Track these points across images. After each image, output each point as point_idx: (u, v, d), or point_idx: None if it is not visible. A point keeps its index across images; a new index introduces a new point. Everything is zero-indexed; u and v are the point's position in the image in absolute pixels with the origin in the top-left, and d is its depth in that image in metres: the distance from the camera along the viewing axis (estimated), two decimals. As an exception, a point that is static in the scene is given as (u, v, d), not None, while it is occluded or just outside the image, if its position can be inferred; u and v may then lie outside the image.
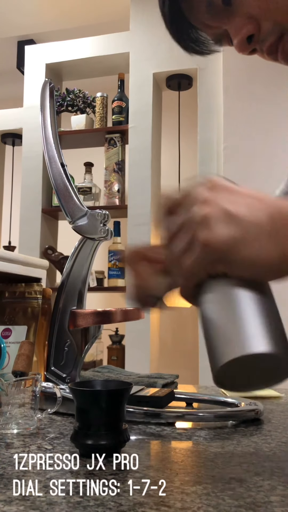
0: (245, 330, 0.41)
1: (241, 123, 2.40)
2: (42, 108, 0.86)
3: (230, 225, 0.43)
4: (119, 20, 2.91)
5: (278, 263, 0.42)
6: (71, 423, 0.70)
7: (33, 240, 2.76)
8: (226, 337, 0.42)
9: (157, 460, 0.58)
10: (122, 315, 0.85)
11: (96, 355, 2.57)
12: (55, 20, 3.15)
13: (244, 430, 0.69)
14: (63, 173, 0.83)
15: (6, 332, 0.95)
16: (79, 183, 2.75)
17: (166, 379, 0.91)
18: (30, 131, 2.83)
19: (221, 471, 0.50)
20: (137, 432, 0.67)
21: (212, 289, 0.44)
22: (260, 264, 0.43)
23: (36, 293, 1.01)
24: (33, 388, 0.66)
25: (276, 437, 0.65)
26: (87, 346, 0.82)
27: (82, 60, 2.87)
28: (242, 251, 0.42)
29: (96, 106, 2.80)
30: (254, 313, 0.42)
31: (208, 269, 0.44)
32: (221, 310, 0.43)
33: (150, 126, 2.65)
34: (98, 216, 0.82)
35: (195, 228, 0.44)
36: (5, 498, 0.42)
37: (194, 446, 0.63)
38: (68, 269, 0.83)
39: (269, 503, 0.41)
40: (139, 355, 2.50)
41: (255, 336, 0.41)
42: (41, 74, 2.89)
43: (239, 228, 0.43)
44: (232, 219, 0.43)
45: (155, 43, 2.65)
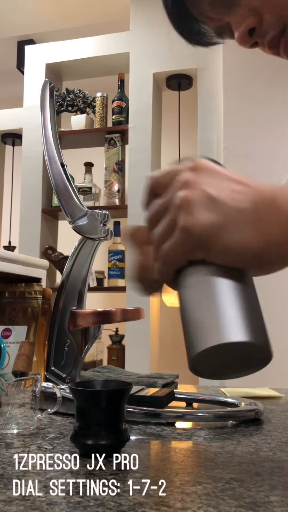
0: (222, 318, 0.40)
1: (241, 123, 2.40)
2: (42, 108, 0.86)
3: (211, 210, 0.41)
4: (119, 20, 2.91)
5: (260, 251, 0.40)
6: (71, 423, 0.70)
7: (33, 240, 2.76)
8: (203, 325, 0.40)
9: (157, 460, 0.58)
10: (122, 315, 0.85)
11: (96, 355, 2.57)
12: (55, 20, 3.15)
13: (244, 430, 0.69)
14: (63, 173, 0.83)
15: (6, 332, 0.95)
16: (79, 183, 2.75)
17: (166, 379, 0.91)
18: (30, 131, 2.83)
19: (221, 471, 0.50)
20: (137, 432, 0.67)
21: (191, 275, 0.43)
22: (241, 252, 0.41)
23: (36, 293, 1.01)
24: (33, 388, 0.66)
25: (276, 437, 0.65)
26: (87, 346, 0.82)
27: (82, 60, 2.87)
28: (222, 238, 0.40)
29: (96, 106, 2.80)
30: (231, 301, 0.40)
31: (187, 255, 0.42)
32: (198, 297, 0.42)
33: (150, 126, 2.65)
34: (98, 216, 0.82)
35: (175, 211, 0.42)
36: (5, 498, 0.42)
37: (194, 446, 0.63)
38: (68, 269, 0.83)
39: (269, 503, 0.41)
40: (139, 355, 2.50)
41: (232, 325, 0.39)
42: (41, 74, 2.89)
43: (220, 214, 0.40)
44: (214, 203, 0.41)
45: (155, 43, 2.65)
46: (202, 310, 0.41)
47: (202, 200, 0.41)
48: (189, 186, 0.42)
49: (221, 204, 0.41)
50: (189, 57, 2.56)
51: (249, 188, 0.42)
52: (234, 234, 0.40)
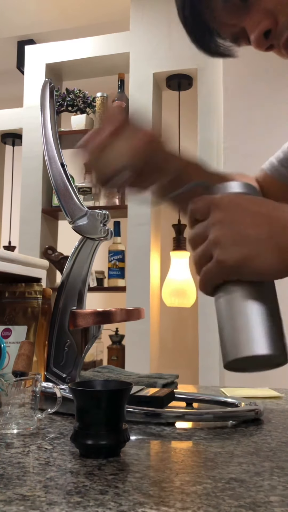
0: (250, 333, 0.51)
1: (241, 123, 2.40)
2: (42, 108, 0.86)
3: (239, 245, 0.52)
4: (119, 20, 2.91)
5: (281, 269, 0.52)
6: (71, 423, 0.70)
7: (33, 240, 2.76)
8: (235, 338, 0.52)
9: (157, 460, 0.58)
10: (122, 315, 0.85)
11: (96, 355, 2.57)
12: (55, 20, 3.14)
13: (244, 430, 0.69)
14: (63, 173, 0.83)
15: (6, 332, 0.95)
16: (79, 183, 2.75)
17: (166, 379, 0.90)
18: (30, 131, 2.83)
19: (221, 471, 0.50)
20: (137, 432, 0.67)
21: (227, 292, 0.54)
22: (266, 273, 0.52)
23: (36, 293, 1.01)
24: (33, 388, 0.66)
25: (276, 437, 0.65)
26: (87, 346, 0.82)
27: (82, 60, 2.87)
28: (250, 265, 0.51)
29: (96, 106, 2.80)
30: (259, 319, 0.52)
31: (223, 277, 0.53)
32: (232, 313, 0.53)
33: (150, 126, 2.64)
34: (98, 216, 0.82)
35: (209, 245, 0.53)
36: (5, 498, 0.42)
37: (194, 446, 0.63)
38: (68, 269, 0.83)
39: (269, 503, 0.41)
40: (139, 355, 2.50)
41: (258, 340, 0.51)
42: (41, 74, 2.89)
43: (247, 248, 0.52)
44: (242, 240, 0.52)
45: (155, 43, 2.65)
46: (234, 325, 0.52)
47: (232, 239, 0.52)
48: (219, 225, 0.53)
49: (246, 239, 0.52)
50: (189, 57, 2.56)
51: (266, 218, 0.53)
52: (259, 260, 0.52)
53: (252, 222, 0.53)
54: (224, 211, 0.54)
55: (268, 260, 0.52)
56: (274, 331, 0.52)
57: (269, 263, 0.52)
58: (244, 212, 0.54)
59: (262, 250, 0.52)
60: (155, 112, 2.71)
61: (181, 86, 2.77)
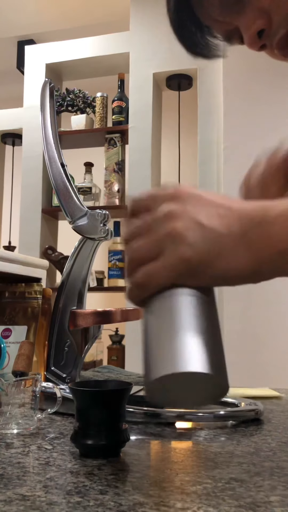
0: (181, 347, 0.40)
1: (241, 123, 2.40)
2: (42, 108, 0.86)
3: (204, 239, 0.41)
4: (119, 20, 2.91)
5: (250, 273, 0.42)
6: (71, 423, 0.70)
7: (33, 240, 2.76)
8: (161, 353, 0.41)
9: (157, 460, 0.58)
10: (122, 315, 0.85)
11: (96, 355, 2.57)
12: (55, 20, 3.14)
13: (244, 430, 0.69)
14: (63, 173, 0.83)
15: (6, 332, 0.95)
16: (79, 183, 2.75)
17: (166, 379, 0.90)
18: (30, 131, 2.83)
19: (221, 471, 0.50)
20: (137, 432, 0.67)
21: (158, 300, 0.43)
22: (231, 275, 0.42)
23: (36, 293, 1.01)
24: (33, 388, 0.66)
25: (276, 437, 0.65)
26: (87, 346, 0.82)
27: (82, 60, 2.87)
28: (216, 265, 0.42)
29: (96, 106, 2.80)
30: (193, 331, 0.41)
31: (172, 280, 0.42)
32: (161, 324, 0.42)
33: (150, 126, 2.64)
34: (98, 216, 0.82)
35: (160, 241, 0.42)
36: (5, 498, 0.42)
37: (194, 446, 0.63)
38: (68, 269, 0.83)
39: (269, 503, 0.41)
40: (139, 355, 2.49)
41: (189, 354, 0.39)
42: (41, 74, 2.89)
43: (213, 242, 0.41)
44: (205, 232, 0.42)
45: (155, 43, 2.65)
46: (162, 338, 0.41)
47: (194, 230, 0.42)
48: (176, 216, 0.43)
49: (212, 231, 0.42)
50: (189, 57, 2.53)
51: (233, 211, 0.43)
52: (228, 259, 0.41)
53: (219, 214, 0.42)
54: (182, 202, 0.44)
55: (238, 259, 0.41)
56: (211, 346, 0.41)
57: (241, 263, 0.41)
58: (206, 202, 0.44)
59: (232, 246, 0.41)
60: (155, 112, 2.71)
61: (181, 86, 2.77)
